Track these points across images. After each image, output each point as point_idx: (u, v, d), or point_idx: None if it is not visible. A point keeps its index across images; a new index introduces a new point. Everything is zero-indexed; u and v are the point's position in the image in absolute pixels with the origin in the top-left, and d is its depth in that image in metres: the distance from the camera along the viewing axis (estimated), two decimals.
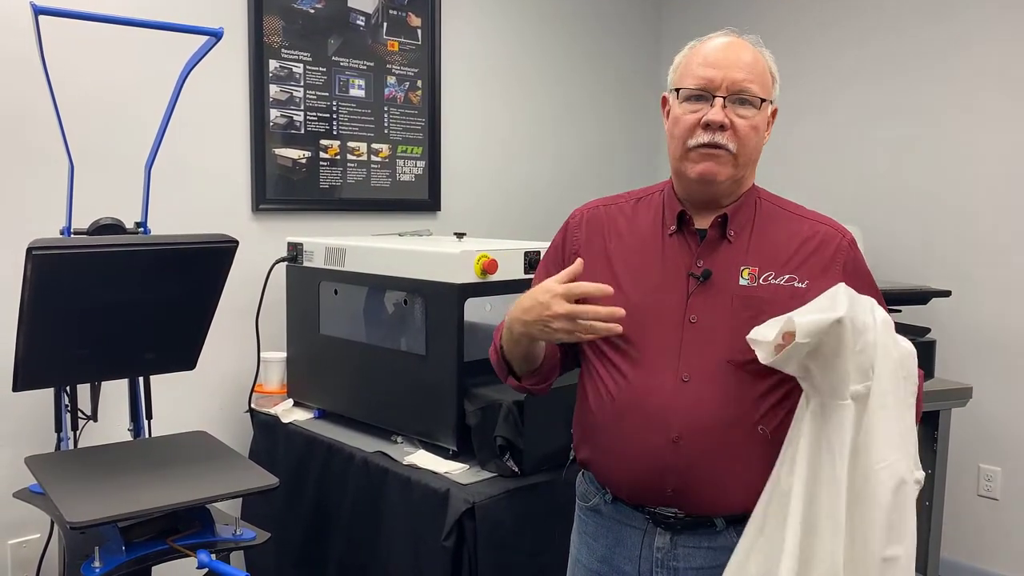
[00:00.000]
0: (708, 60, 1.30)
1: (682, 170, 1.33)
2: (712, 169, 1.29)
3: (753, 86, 1.28)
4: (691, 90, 1.30)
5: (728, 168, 1.30)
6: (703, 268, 1.31)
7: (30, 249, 1.59)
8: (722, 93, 1.28)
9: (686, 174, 1.32)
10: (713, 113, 1.27)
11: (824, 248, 1.32)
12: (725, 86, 1.28)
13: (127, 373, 2.09)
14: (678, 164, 1.34)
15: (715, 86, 1.28)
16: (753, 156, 1.33)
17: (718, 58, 1.29)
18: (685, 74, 1.32)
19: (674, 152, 1.34)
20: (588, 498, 1.47)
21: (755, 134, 1.30)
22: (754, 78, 1.29)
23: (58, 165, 2.05)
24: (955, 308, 3.02)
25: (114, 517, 1.57)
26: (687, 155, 1.31)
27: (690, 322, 1.30)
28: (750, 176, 1.37)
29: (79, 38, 2.25)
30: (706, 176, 1.30)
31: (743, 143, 1.29)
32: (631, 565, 1.38)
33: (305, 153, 2.77)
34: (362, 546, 2.10)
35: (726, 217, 1.33)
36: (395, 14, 2.97)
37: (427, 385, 2.05)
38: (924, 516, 2.75)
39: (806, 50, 3.46)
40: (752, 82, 1.28)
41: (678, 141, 1.32)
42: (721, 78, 1.27)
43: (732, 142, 1.28)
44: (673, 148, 1.34)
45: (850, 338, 1.15)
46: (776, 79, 1.35)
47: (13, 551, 2.25)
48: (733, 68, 1.28)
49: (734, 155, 1.29)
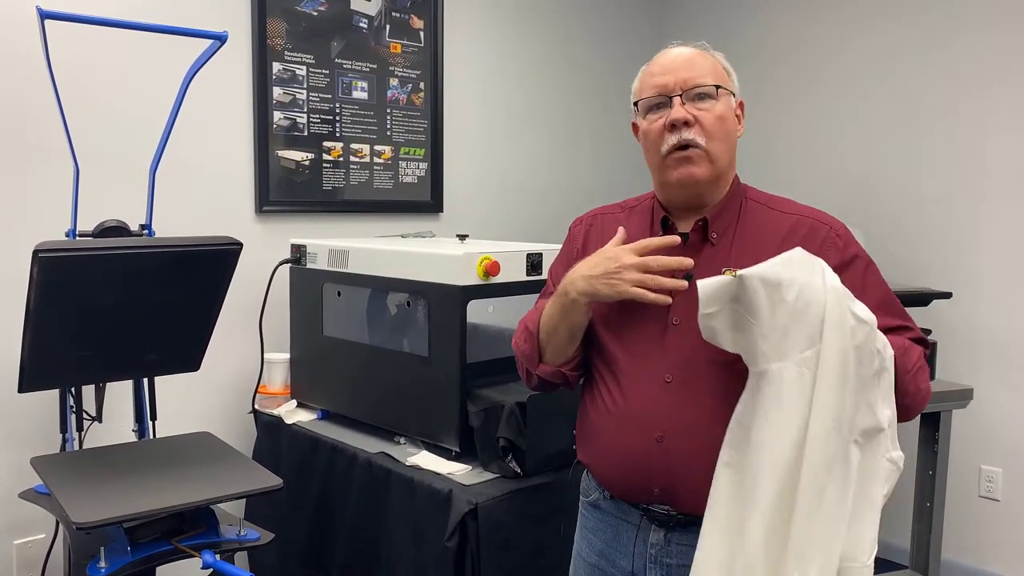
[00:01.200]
0: (655, 71, 1.36)
1: (663, 179, 1.37)
2: (690, 171, 1.32)
3: (705, 79, 1.33)
4: (649, 99, 1.36)
5: (705, 166, 1.32)
6: (684, 272, 1.32)
7: (36, 251, 1.60)
8: (677, 92, 1.32)
9: (668, 181, 1.36)
10: (674, 112, 1.31)
11: (809, 241, 1.30)
12: (678, 86, 1.32)
13: (131, 374, 2.10)
14: (659, 174, 1.38)
15: (669, 89, 1.33)
16: (727, 149, 1.35)
17: (665, 64, 1.36)
18: (641, 89, 1.39)
19: (652, 163, 1.38)
20: (589, 493, 1.49)
21: (722, 124, 1.33)
22: (705, 72, 1.33)
23: (63, 168, 2.07)
24: (956, 310, 3.03)
25: (120, 518, 1.58)
26: (664, 163, 1.34)
27: (673, 324, 1.32)
28: (730, 171, 1.39)
29: (85, 41, 2.26)
30: (685, 180, 1.33)
31: (711, 135, 1.32)
32: (626, 560, 1.40)
33: (308, 155, 2.78)
34: (365, 547, 2.10)
35: (707, 221, 1.35)
36: (398, 16, 2.98)
37: (430, 386, 2.06)
38: (925, 517, 2.76)
39: (804, 52, 3.46)
40: (704, 76, 1.33)
41: (652, 151, 1.36)
42: (673, 81, 1.33)
43: (700, 136, 1.31)
44: (650, 159, 1.38)
45: (764, 298, 1.15)
46: (731, 73, 1.39)
47: (19, 551, 2.27)
48: (681, 69, 1.33)
49: (706, 150, 1.32)
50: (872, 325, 1.18)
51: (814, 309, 1.14)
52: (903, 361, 1.24)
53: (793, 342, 1.15)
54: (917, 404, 1.29)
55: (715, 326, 1.21)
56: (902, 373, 1.23)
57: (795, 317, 1.15)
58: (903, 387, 1.23)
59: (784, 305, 1.15)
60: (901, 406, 1.23)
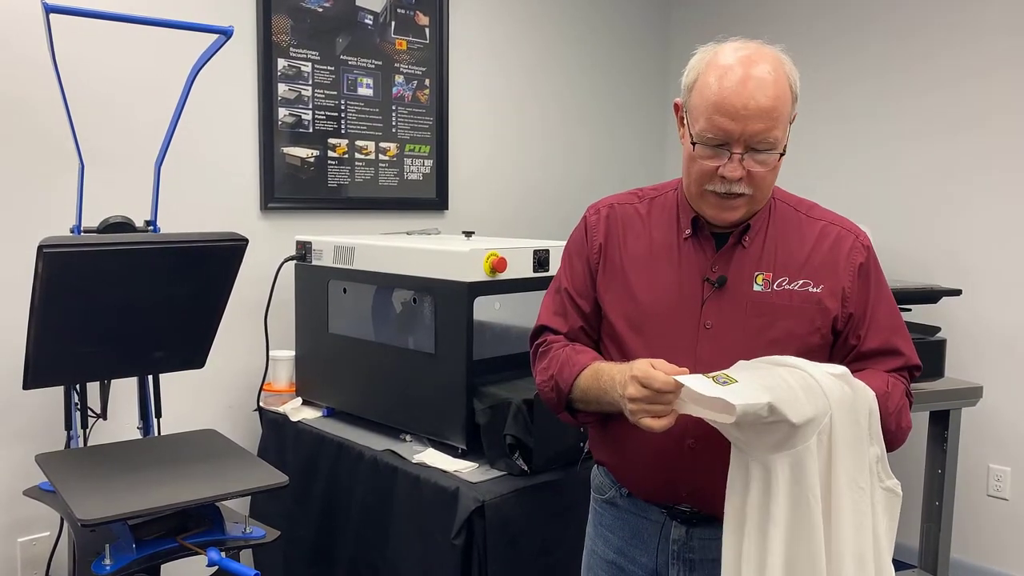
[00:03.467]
0: (724, 108, 1.19)
1: (696, 203, 1.32)
2: (726, 216, 1.29)
3: (773, 131, 1.21)
4: (707, 135, 1.23)
5: (743, 211, 1.29)
6: (718, 274, 1.30)
7: (41, 247, 1.60)
8: (739, 149, 1.21)
9: (700, 209, 1.31)
10: (730, 170, 1.22)
11: (838, 249, 1.31)
12: (743, 141, 1.20)
13: (137, 371, 2.10)
14: (694, 200, 1.32)
15: (733, 139, 1.21)
16: (770, 189, 1.32)
17: (735, 106, 1.19)
18: (699, 114, 1.23)
19: (689, 187, 1.32)
20: (604, 491, 1.47)
21: (772, 174, 1.28)
22: (773, 123, 1.20)
23: (69, 164, 2.06)
24: (966, 307, 3.01)
25: (125, 515, 1.58)
26: (703, 195, 1.29)
27: (705, 328, 1.30)
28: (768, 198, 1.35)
29: (90, 37, 2.25)
30: (720, 222, 1.30)
31: (759, 186, 1.26)
32: (648, 557, 1.39)
33: (313, 152, 2.77)
34: (372, 545, 2.09)
35: (747, 227, 1.32)
36: (403, 13, 2.96)
37: (436, 384, 2.05)
38: (934, 516, 2.74)
39: (815, 51, 3.44)
40: (771, 130, 1.20)
41: (694, 181, 1.29)
42: (739, 132, 1.19)
43: (749, 188, 1.25)
44: (688, 183, 1.31)
45: (794, 384, 1.14)
46: (797, 95, 1.27)
47: (23, 549, 2.26)
48: (751, 119, 1.19)
49: (751, 196, 1.27)
50: (845, 373, 1.20)
51: (815, 388, 1.15)
52: (885, 404, 1.24)
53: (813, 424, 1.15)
54: (898, 440, 1.29)
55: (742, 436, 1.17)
56: (884, 416, 1.23)
57: (808, 394, 1.14)
58: (885, 426, 1.23)
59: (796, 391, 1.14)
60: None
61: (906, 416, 1.30)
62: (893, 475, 1.23)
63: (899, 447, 1.30)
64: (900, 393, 1.30)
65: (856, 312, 1.30)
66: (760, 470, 1.16)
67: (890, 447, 1.26)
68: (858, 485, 1.17)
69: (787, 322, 1.27)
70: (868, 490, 1.18)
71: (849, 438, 1.17)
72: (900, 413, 1.28)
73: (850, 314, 1.30)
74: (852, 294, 1.30)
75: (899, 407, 1.28)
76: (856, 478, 1.17)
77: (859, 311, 1.31)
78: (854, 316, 1.30)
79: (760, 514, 1.16)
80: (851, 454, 1.17)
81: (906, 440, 1.32)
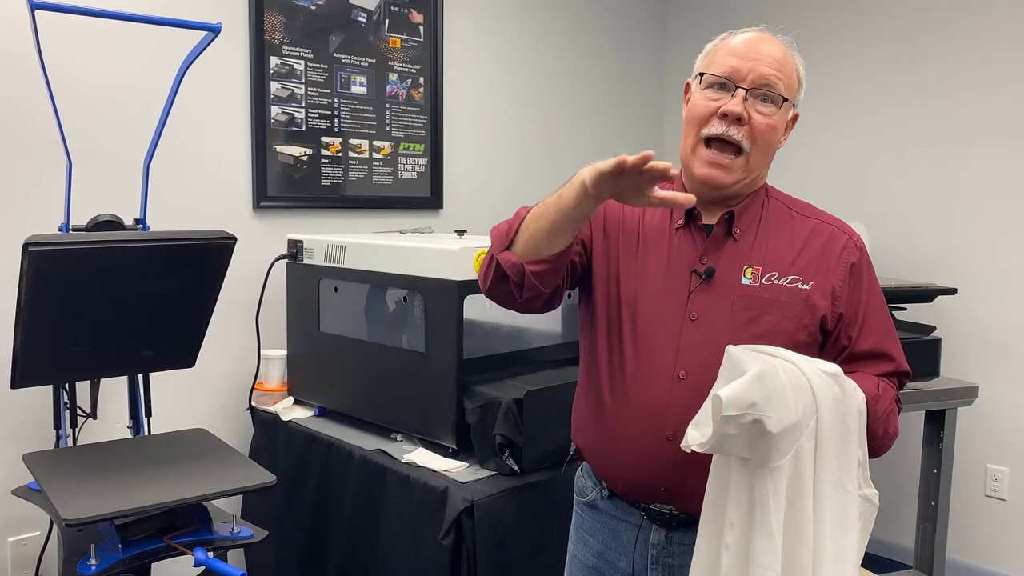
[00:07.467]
0: (737, 50, 1.27)
1: (689, 165, 1.31)
2: (715, 175, 1.27)
3: (779, 83, 1.26)
4: (715, 77, 1.27)
5: (737, 174, 1.27)
6: (707, 265, 1.29)
7: (27, 245, 1.59)
8: (745, 85, 1.25)
9: (692, 171, 1.30)
10: (732, 104, 1.24)
11: (830, 248, 1.30)
12: (750, 79, 1.25)
13: (126, 370, 2.08)
14: (687, 156, 1.31)
15: (740, 76, 1.25)
16: (766, 158, 1.30)
17: (748, 49, 1.26)
18: (712, 61, 1.29)
19: (685, 140, 1.31)
20: (585, 493, 1.46)
21: (772, 133, 1.27)
22: (781, 76, 1.26)
23: (56, 162, 2.05)
24: (961, 306, 3.00)
25: (110, 514, 1.57)
26: (697, 148, 1.28)
27: (690, 319, 1.28)
28: (762, 176, 1.34)
29: (77, 33, 2.24)
30: (709, 181, 1.28)
31: (757, 140, 1.26)
32: (626, 561, 1.37)
33: (306, 150, 2.76)
34: (362, 544, 2.08)
35: (732, 214, 1.31)
36: (397, 11, 2.95)
37: (427, 383, 2.04)
38: (930, 516, 2.73)
39: (811, 50, 3.42)
40: (779, 79, 1.26)
41: (692, 128, 1.29)
42: (748, 69, 1.25)
43: (746, 139, 1.25)
44: (685, 135, 1.31)
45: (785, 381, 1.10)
46: (802, 84, 1.32)
47: (13, 549, 2.25)
48: (761, 62, 1.25)
49: (746, 154, 1.26)
50: (838, 372, 1.17)
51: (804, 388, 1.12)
52: (874, 407, 1.22)
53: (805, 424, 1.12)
54: (884, 446, 1.28)
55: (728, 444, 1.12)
56: (872, 419, 1.22)
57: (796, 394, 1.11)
58: (872, 431, 1.22)
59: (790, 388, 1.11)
60: (868, 447, 1.22)
61: (893, 422, 1.28)
62: (872, 485, 1.21)
63: (883, 454, 1.29)
64: (890, 398, 1.29)
65: (847, 312, 1.29)
66: (742, 472, 1.14)
67: (874, 453, 1.25)
68: (844, 487, 1.15)
69: (774, 317, 1.26)
70: (854, 492, 1.16)
71: (836, 439, 1.15)
72: (888, 418, 1.27)
73: (840, 314, 1.29)
74: (843, 294, 1.29)
75: (887, 412, 1.27)
76: (842, 479, 1.15)
77: (850, 312, 1.29)
78: (845, 316, 1.29)
79: (739, 514, 1.14)
80: (837, 455, 1.15)
81: (891, 448, 1.30)
